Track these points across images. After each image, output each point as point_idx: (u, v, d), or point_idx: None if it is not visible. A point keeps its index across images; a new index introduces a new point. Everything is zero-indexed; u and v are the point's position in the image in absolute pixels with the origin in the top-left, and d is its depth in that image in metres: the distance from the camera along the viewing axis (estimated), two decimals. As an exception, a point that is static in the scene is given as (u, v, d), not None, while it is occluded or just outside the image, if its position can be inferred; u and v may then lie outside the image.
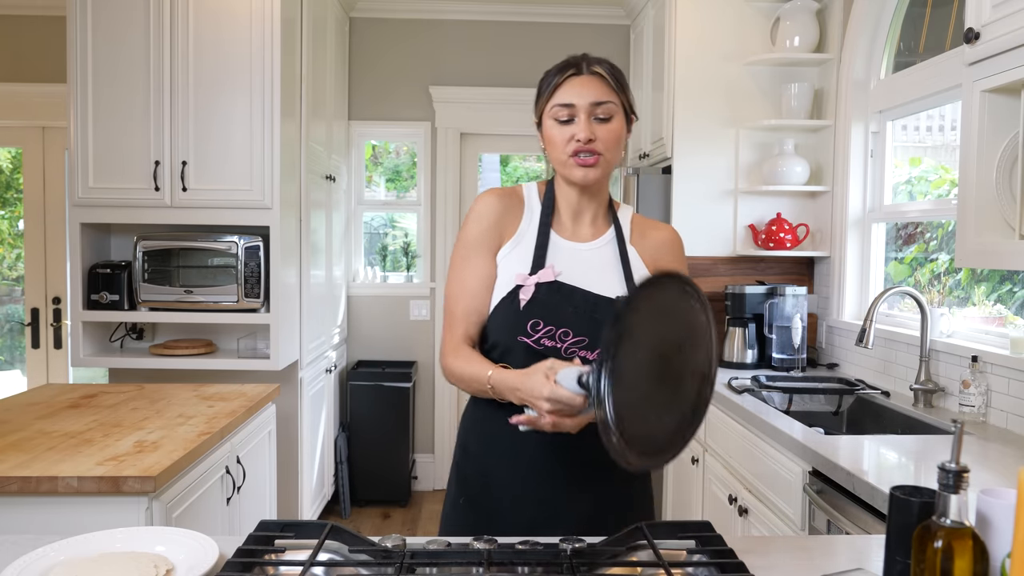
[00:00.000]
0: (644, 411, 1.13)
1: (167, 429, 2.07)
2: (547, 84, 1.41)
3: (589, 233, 1.46)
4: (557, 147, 1.39)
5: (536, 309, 1.36)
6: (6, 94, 4.19)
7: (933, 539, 0.90)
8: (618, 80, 1.40)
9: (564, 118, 1.38)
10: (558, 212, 1.47)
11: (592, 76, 1.38)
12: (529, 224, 1.45)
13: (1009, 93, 1.76)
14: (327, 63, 3.88)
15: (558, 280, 1.38)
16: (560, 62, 1.42)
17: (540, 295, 1.37)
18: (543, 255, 1.41)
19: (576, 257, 1.43)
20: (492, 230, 1.44)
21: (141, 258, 3.21)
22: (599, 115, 1.37)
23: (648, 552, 1.15)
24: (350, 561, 1.13)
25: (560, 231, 1.45)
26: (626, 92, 1.42)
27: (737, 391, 2.70)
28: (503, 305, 1.40)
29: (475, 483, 1.45)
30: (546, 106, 1.41)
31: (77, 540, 1.18)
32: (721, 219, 3.45)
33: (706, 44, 3.41)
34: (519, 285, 1.38)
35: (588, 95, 1.37)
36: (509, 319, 1.38)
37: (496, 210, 1.44)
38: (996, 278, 2.52)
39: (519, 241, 1.44)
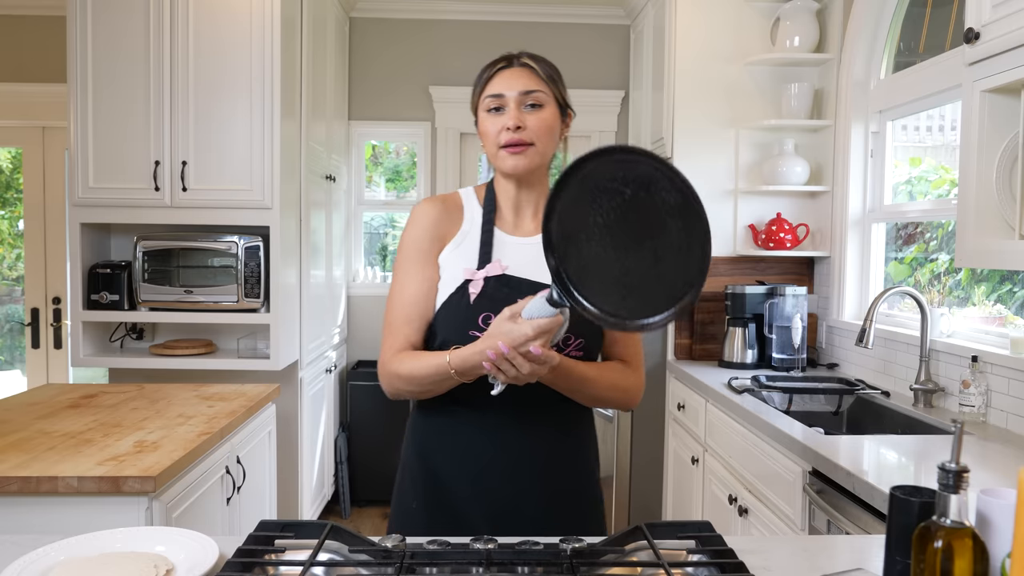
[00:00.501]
0: (635, 279, 1.17)
1: (167, 429, 2.07)
2: (479, 79, 1.43)
3: (532, 227, 1.46)
4: (490, 138, 1.41)
5: (486, 303, 1.36)
6: (6, 94, 4.19)
7: (933, 539, 0.90)
8: (549, 73, 1.42)
9: (494, 106, 1.39)
10: (499, 209, 1.47)
11: (522, 68, 1.41)
12: (471, 224, 1.45)
13: (1009, 93, 1.76)
14: (327, 63, 3.88)
15: (506, 273, 1.39)
16: (494, 59, 1.45)
17: (489, 289, 1.37)
18: (489, 251, 1.42)
19: (521, 251, 1.43)
20: (431, 236, 1.44)
21: (141, 258, 3.21)
22: (529, 103, 1.39)
23: (648, 552, 1.15)
24: (350, 561, 1.13)
25: (503, 227, 1.46)
26: (558, 85, 1.43)
27: (737, 391, 2.70)
28: (452, 302, 1.39)
29: (426, 486, 1.44)
30: (479, 100, 1.43)
31: (77, 540, 1.18)
32: (721, 219, 3.45)
33: (706, 44, 3.41)
34: (468, 280, 1.38)
35: (517, 85, 1.39)
36: (460, 315, 1.37)
37: (433, 216, 1.44)
38: (996, 278, 2.52)
39: (462, 240, 1.44)
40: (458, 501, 1.41)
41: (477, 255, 1.41)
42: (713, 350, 3.43)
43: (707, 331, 3.45)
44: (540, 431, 1.42)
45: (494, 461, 1.40)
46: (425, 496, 1.44)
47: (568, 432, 1.46)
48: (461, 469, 1.41)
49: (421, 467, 1.45)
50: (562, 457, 1.44)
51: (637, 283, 1.17)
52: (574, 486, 1.46)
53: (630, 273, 1.17)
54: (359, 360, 4.46)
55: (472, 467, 1.40)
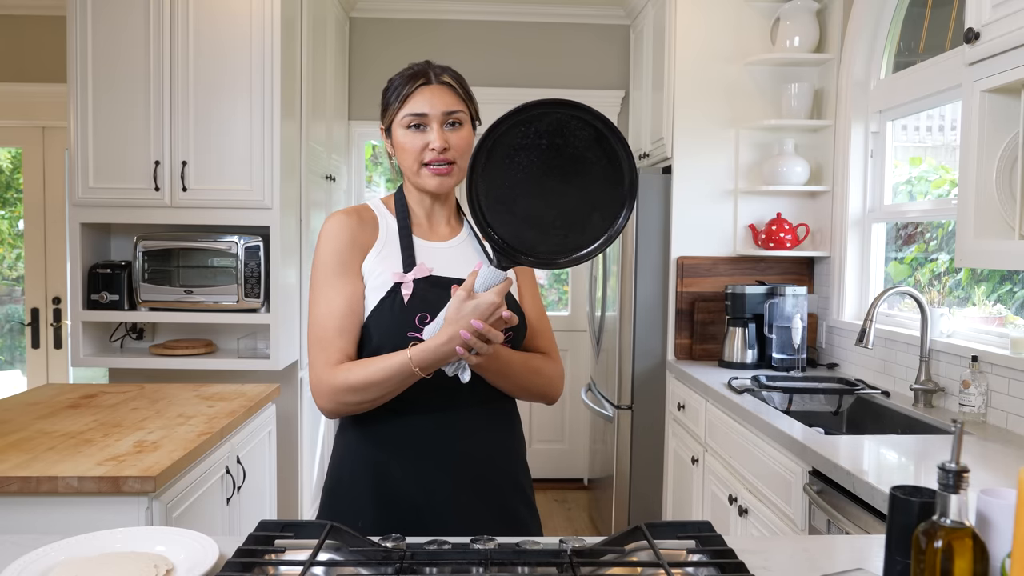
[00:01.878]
0: (571, 218, 1.26)
1: (167, 429, 2.07)
2: (396, 94, 1.42)
3: (447, 232, 1.50)
4: (410, 155, 1.41)
5: (419, 303, 1.37)
6: (6, 94, 4.19)
7: (933, 539, 0.90)
8: (466, 89, 1.46)
9: (415, 124, 1.40)
10: (414, 216, 1.49)
11: (442, 86, 1.42)
12: (387, 232, 1.46)
13: (1009, 93, 1.76)
14: (327, 63, 3.88)
15: (434, 274, 1.41)
16: (405, 71, 1.44)
17: (420, 291, 1.38)
18: (411, 255, 1.43)
19: (442, 254, 1.46)
20: (351, 247, 1.42)
21: (141, 258, 3.21)
22: (451, 122, 1.41)
23: (648, 552, 1.15)
24: (350, 561, 1.13)
25: (420, 234, 1.48)
26: (472, 100, 1.47)
27: (737, 391, 2.70)
28: (384, 306, 1.38)
29: (376, 500, 1.41)
30: (396, 115, 1.42)
31: (77, 540, 1.18)
32: (721, 219, 3.45)
33: (706, 44, 3.41)
34: (398, 283, 1.38)
35: (440, 104, 1.40)
36: (394, 318, 1.37)
37: (349, 227, 1.43)
38: (996, 278, 2.52)
39: (382, 247, 1.44)
40: (412, 509, 1.39)
41: (400, 260, 1.42)
42: (713, 350, 3.44)
43: (707, 331, 3.45)
44: (477, 428, 1.43)
45: (431, 470, 1.39)
46: (376, 511, 1.40)
47: (503, 427, 1.48)
48: (416, 477, 1.39)
49: (368, 480, 1.41)
50: (494, 449, 1.46)
51: (574, 220, 1.27)
52: (506, 476, 1.47)
53: (566, 214, 1.26)
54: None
55: (425, 473, 1.39)
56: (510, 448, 1.49)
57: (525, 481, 1.52)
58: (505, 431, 1.48)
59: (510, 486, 1.47)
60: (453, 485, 1.40)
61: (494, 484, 1.44)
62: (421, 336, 1.33)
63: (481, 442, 1.43)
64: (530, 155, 1.24)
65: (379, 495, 1.41)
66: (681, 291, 3.45)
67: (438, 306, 1.34)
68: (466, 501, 1.41)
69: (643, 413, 3.51)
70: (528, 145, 1.23)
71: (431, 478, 1.40)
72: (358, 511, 1.41)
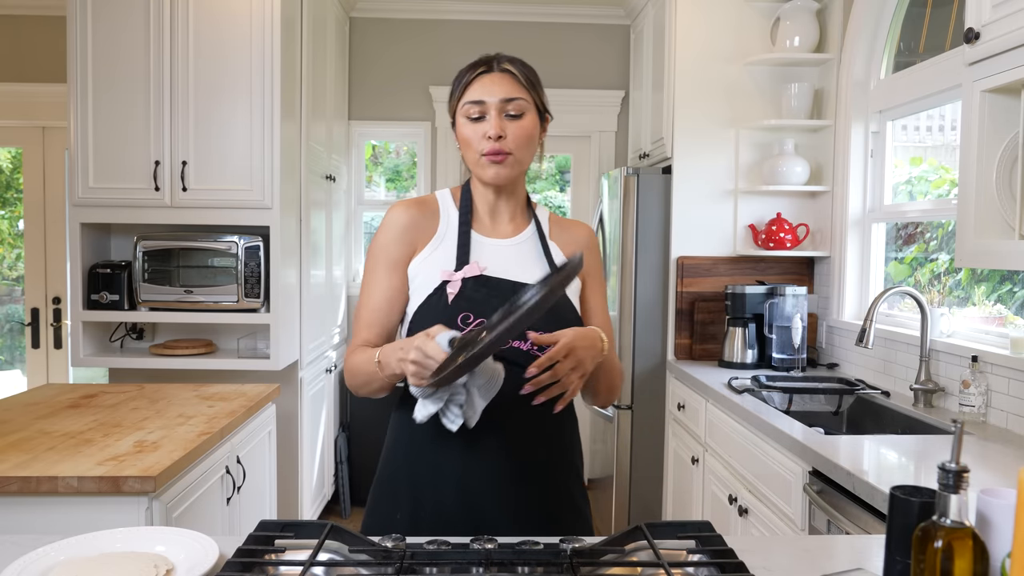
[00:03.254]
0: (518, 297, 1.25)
1: (167, 429, 2.07)
2: (458, 82, 1.42)
3: (509, 229, 1.47)
4: (470, 146, 1.40)
5: (464, 303, 1.35)
6: (6, 94, 4.19)
7: (933, 539, 0.90)
8: (529, 78, 1.41)
9: (475, 115, 1.38)
10: (476, 212, 1.47)
11: (503, 73, 1.39)
12: (447, 227, 1.45)
13: (1009, 93, 1.76)
14: (327, 63, 3.88)
15: (484, 274, 1.38)
16: (472, 61, 1.42)
17: (467, 290, 1.36)
18: (466, 252, 1.41)
19: (499, 253, 1.43)
20: (400, 242, 1.43)
21: (141, 258, 3.21)
22: (510, 112, 1.38)
23: (648, 552, 1.15)
24: (350, 561, 1.13)
25: (480, 229, 1.46)
26: (538, 90, 1.42)
27: (737, 391, 2.70)
28: (430, 303, 1.38)
29: (409, 493, 1.41)
30: (458, 104, 1.41)
31: (77, 540, 1.18)
32: (721, 219, 3.45)
33: (706, 44, 3.41)
34: (445, 281, 1.37)
35: (498, 91, 1.38)
36: (437, 315, 1.35)
37: (405, 221, 1.44)
38: (996, 278, 2.52)
39: (439, 243, 1.43)
40: (444, 511, 1.37)
41: (455, 256, 1.41)
42: (713, 350, 3.44)
43: (707, 331, 3.45)
44: (525, 435, 1.39)
45: (472, 474, 1.36)
46: (412, 506, 1.40)
47: (552, 436, 1.43)
48: (448, 477, 1.37)
49: (409, 475, 1.42)
50: (547, 461, 1.41)
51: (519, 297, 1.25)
52: (559, 477, 1.43)
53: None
54: (359, 360, 4.45)
55: (456, 475, 1.37)
56: (563, 443, 1.45)
57: (579, 464, 1.49)
58: (555, 447, 1.44)
59: (565, 465, 1.44)
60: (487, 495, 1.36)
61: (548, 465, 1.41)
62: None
63: (531, 436, 1.40)
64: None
65: (413, 498, 1.41)
66: (681, 291, 3.45)
67: (483, 306, 1.34)
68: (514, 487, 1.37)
69: (643, 413, 3.51)
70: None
71: (460, 483, 1.37)
72: (397, 505, 1.42)
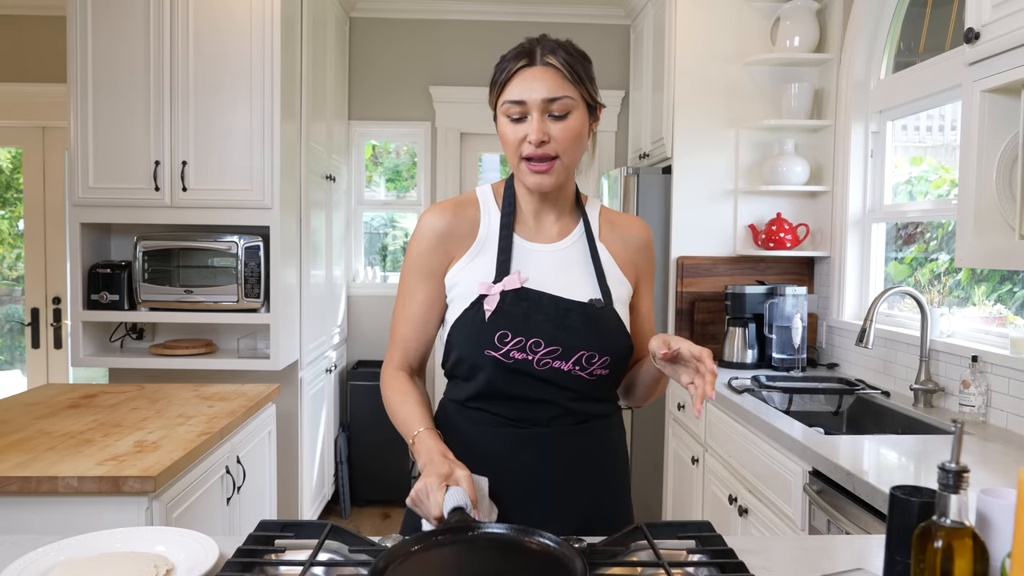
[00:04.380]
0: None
1: (167, 429, 2.07)
2: (498, 74, 1.28)
3: (555, 232, 1.36)
4: (510, 147, 1.28)
5: (502, 320, 1.26)
6: (6, 94, 4.19)
7: (933, 539, 0.90)
8: (576, 71, 1.25)
9: (516, 116, 1.26)
10: (520, 212, 1.36)
11: (546, 68, 1.24)
12: (488, 231, 1.34)
13: (1009, 93, 1.76)
14: (327, 63, 3.88)
15: (525, 287, 1.29)
16: (515, 47, 1.28)
17: (506, 304, 1.27)
18: (507, 260, 1.31)
19: (543, 260, 1.33)
20: (435, 252, 1.33)
21: (141, 258, 3.21)
22: (554, 112, 1.24)
23: (648, 552, 1.15)
24: (350, 561, 1.13)
25: (523, 233, 1.35)
26: (585, 83, 1.26)
27: (737, 391, 2.70)
28: (467, 317, 1.29)
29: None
30: (497, 100, 1.29)
31: (77, 540, 1.18)
32: (721, 219, 3.45)
33: (706, 44, 3.41)
34: (483, 295, 1.28)
35: (540, 90, 1.23)
36: (474, 332, 1.28)
37: (439, 229, 1.33)
38: (996, 278, 2.52)
39: (479, 250, 1.33)
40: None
41: (494, 266, 1.31)
42: (713, 350, 3.44)
43: (707, 331, 3.45)
44: (566, 448, 1.33)
45: (516, 479, 1.31)
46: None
47: (597, 448, 1.37)
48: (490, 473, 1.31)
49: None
50: (589, 473, 1.35)
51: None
52: (602, 502, 1.37)
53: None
54: (359, 360, 4.46)
55: (494, 487, 1.30)
56: (605, 467, 1.38)
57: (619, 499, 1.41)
58: (601, 452, 1.37)
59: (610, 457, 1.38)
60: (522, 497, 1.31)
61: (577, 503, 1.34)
62: (498, 356, 1.26)
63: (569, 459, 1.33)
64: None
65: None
66: (681, 291, 3.45)
67: (523, 324, 1.26)
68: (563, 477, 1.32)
69: (643, 413, 3.51)
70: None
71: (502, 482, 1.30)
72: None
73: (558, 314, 1.29)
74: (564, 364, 1.28)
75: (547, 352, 1.27)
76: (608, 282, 1.35)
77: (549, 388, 1.29)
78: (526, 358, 1.27)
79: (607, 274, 1.36)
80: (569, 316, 1.29)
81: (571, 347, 1.28)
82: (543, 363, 1.28)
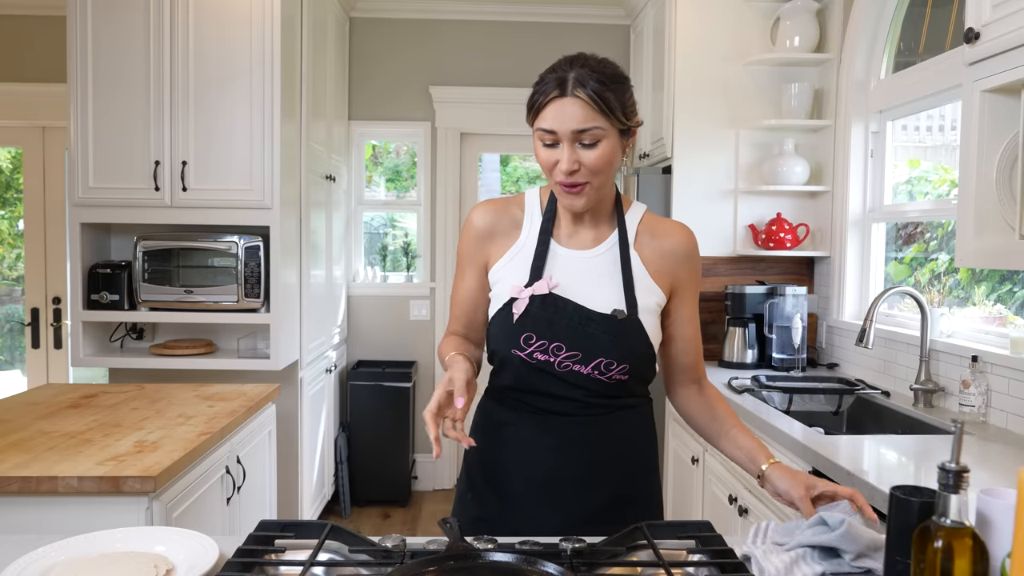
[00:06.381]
0: None
1: (167, 429, 2.07)
2: (536, 98, 1.32)
3: (590, 239, 1.41)
4: (545, 168, 1.35)
5: (529, 323, 1.35)
6: (6, 94, 4.19)
7: (933, 539, 0.90)
8: (606, 102, 1.27)
9: (548, 142, 1.31)
10: (558, 218, 1.43)
11: (576, 99, 1.27)
12: (529, 233, 1.42)
13: (1009, 93, 1.76)
14: (327, 63, 3.88)
15: (553, 293, 1.36)
16: (552, 70, 1.31)
17: (533, 308, 1.35)
18: (541, 266, 1.39)
19: (574, 266, 1.39)
20: (478, 245, 1.45)
21: (141, 258, 3.21)
22: (584, 141, 1.29)
23: (648, 552, 1.15)
24: (350, 561, 1.13)
25: (560, 238, 1.42)
26: (616, 113, 1.29)
27: (737, 391, 2.70)
28: (500, 316, 1.39)
29: (481, 479, 1.45)
30: (533, 123, 1.34)
31: (77, 540, 1.18)
32: (721, 219, 3.45)
33: (706, 44, 3.41)
34: (514, 298, 1.37)
35: (570, 122, 1.27)
36: (504, 331, 1.37)
37: (484, 225, 1.44)
38: (996, 278, 2.52)
39: (519, 251, 1.42)
40: (508, 500, 1.40)
41: (529, 268, 1.39)
42: (713, 350, 3.44)
43: (707, 331, 3.45)
44: (601, 433, 1.40)
45: (549, 464, 1.39)
46: (476, 489, 1.45)
47: (628, 436, 1.45)
48: (515, 469, 1.40)
49: (476, 460, 1.47)
50: (622, 459, 1.43)
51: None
52: (632, 490, 1.44)
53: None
54: (359, 360, 4.46)
55: (528, 466, 1.40)
56: (635, 460, 1.46)
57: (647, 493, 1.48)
58: (630, 446, 1.46)
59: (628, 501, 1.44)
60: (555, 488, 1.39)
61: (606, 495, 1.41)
62: (523, 355, 1.35)
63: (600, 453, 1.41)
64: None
65: (472, 481, 1.47)
66: (681, 291, 3.45)
67: (547, 327, 1.34)
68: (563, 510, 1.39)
69: (643, 413, 3.51)
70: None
71: (533, 475, 1.40)
72: (470, 485, 1.47)
73: (581, 322, 1.36)
74: (583, 368, 1.35)
75: (568, 356, 1.35)
76: (636, 291, 1.39)
77: (569, 387, 1.37)
78: (548, 360, 1.35)
79: (636, 283, 1.40)
80: (591, 325, 1.35)
81: (590, 354, 1.35)
82: (563, 365, 1.35)
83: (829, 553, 1.13)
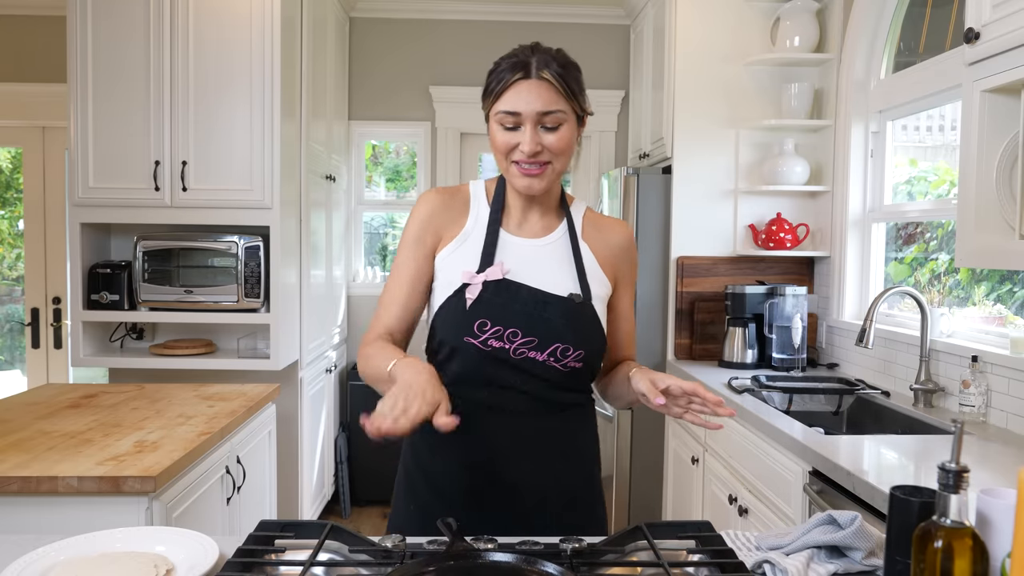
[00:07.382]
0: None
1: (167, 429, 2.07)
2: (494, 83, 1.32)
3: (540, 228, 1.42)
4: (500, 152, 1.34)
5: (483, 309, 1.32)
6: (6, 94, 4.19)
7: (933, 539, 0.90)
8: (569, 85, 1.31)
9: (509, 125, 1.31)
10: (508, 208, 1.42)
11: (541, 82, 1.29)
12: (475, 222, 1.41)
13: (1009, 93, 1.76)
14: (327, 63, 3.88)
15: (506, 278, 1.34)
16: (510, 56, 1.32)
17: (487, 294, 1.33)
18: (492, 252, 1.37)
19: (526, 254, 1.39)
20: (428, 228, 1.40)
21: (141, 258, 3.21)
22: (547, 124, 1.30)
23: (648, 552, 1.15)
24: (350, 561, 1.13)
25: (509, 227, 1.41)
26: (577, 97, 1.32)
27: (737, 391, 2.70)
28: (449, 304, 1.35)
29: (423, 489, 1.41)
30: (491, 107, 1.34)
31: (77, 540, 1.18)
32: (721, 219, 3.45)
33: (706, 44, 3.41)
34: (466, 284, 1.34)
35: (535, 103, 1.29)
36: (455, 319, 1.34)
37: (434, 208, 1.41)
38: (996, 278, 2.52)
39: (465, 239, 1.39)
40: (455, 506, 1.37)
41: (479, 255, 1.37)
42: (713, 350, 3.43)
43: (707, 331, 3.45)
44: (547, 433, 1.38)
45: (490, 465, 1.37)
46: (420, 501, 1.41)
47: (570, 435, 1.42)
48: (457, 474, 1.38)
49: (418, 470, 1.43)
50: (562, 460, 1.41)
51: None
52: (574, 489, 1.43)
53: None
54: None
55: (467, 472, 1.37)
56: (576, 461, 1.43)
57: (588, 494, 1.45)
58: (571, 447, 1.42)
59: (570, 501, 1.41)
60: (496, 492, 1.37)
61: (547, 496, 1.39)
62: (477, 343, 1.31)
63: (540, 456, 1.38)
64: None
65: (413, 492, 1.43)
66: (681, 291, 3.45)
67: (501, 313, 1.32)
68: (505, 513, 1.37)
69: (643, 413, 3.51)
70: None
71: (474, 480, 1.37)
72: (412, 496, 1.42)
73: (536, 306, 1.34)
74: (539, 355, 1.33)
75: (524, 342, 1.33)
76: (588, 279, 1.40)
77: (524, 376, 1.34)
78: (503, 347, 1.33)
79: (588, 272, 1.41)
80: (547, 309, 1.34)
81: (547, 339, 1.33)
82: (519, 352, 1.33)
83: (836, 552, 1.14)
